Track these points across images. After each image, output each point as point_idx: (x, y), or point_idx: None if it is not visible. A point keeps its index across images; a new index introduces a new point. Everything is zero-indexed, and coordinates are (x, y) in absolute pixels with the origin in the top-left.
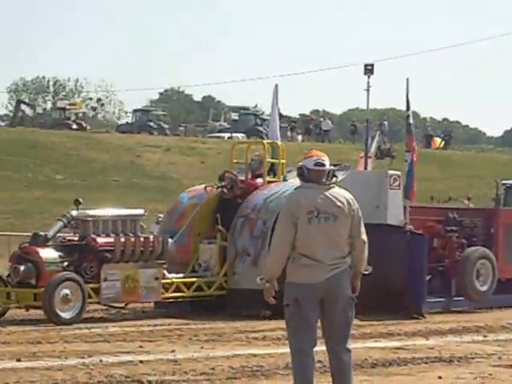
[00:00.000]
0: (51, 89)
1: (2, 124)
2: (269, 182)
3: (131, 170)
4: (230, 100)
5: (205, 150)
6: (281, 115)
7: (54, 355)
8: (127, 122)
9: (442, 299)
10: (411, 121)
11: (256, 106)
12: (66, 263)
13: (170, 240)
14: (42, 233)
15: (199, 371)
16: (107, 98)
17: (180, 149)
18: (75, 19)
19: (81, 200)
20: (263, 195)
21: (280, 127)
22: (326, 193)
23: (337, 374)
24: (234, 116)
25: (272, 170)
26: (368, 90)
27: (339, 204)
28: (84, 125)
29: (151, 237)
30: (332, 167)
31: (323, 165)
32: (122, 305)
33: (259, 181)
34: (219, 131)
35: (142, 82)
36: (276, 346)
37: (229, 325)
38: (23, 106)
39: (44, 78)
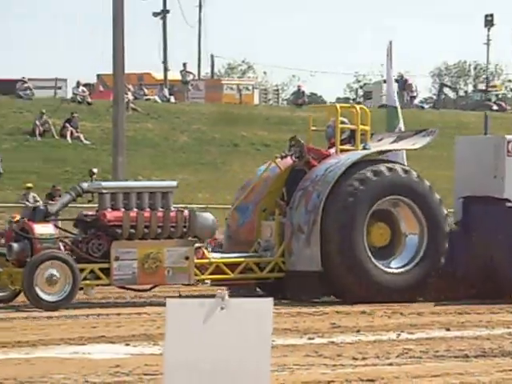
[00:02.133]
0: (472, 72)
1: (426, 106)
2: (344, 151)
3: None
4: None
5: None
6: None
7: (481, 325)
8: None
9: None
10: None
11: None
12: (71, 240)
13: (208, 215)
14: (42, 207)
15: None
16: None
17: None
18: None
19: (95, 170)
20: (326, 165)
21: None
22: None
23: None
24: None
25: (353, 137)
26: (488, 44)
27: None
28: (504, 106)
29: (173, 211)
30: None
31: None
32: (147, 287)
33: (333, 150)
34: None
35: None
36: None
37: None
38: (446, 89)
39: (465, 62)
